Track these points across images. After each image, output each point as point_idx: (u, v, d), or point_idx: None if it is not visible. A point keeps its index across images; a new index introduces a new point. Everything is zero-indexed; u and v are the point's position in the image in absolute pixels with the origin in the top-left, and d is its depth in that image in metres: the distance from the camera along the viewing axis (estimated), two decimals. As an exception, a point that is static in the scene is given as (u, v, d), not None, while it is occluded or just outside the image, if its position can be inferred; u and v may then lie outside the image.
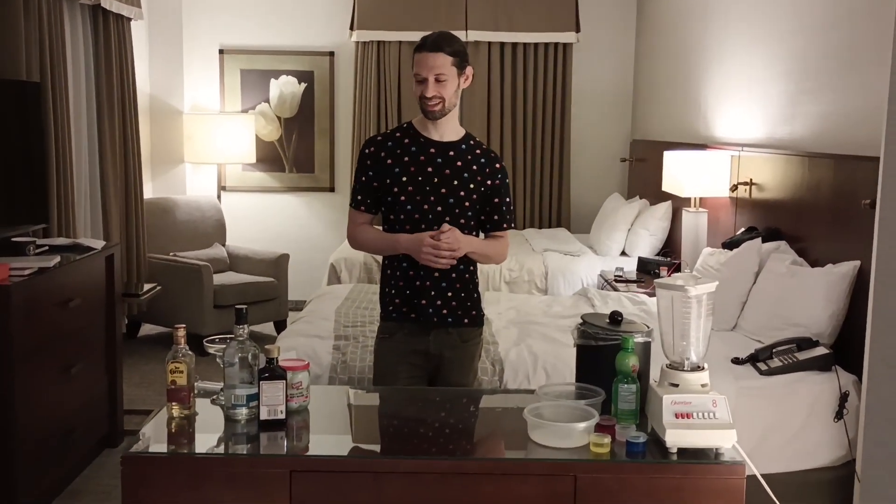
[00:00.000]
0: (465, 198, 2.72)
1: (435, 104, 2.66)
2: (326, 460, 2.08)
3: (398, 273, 2.75)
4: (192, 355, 2.24)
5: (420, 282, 2.71)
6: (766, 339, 3.52)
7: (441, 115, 2.69)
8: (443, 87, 2.65)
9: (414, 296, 2.73)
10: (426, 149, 2.73)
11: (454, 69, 2.67)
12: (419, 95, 2.68)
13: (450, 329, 2.76)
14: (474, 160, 2.76)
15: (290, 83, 7.14)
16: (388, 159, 2.72)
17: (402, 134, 2.77)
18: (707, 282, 2.17)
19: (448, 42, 2.66)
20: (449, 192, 2.71)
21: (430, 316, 2.73)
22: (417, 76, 2.67)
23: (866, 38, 3.58)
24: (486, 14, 6.93)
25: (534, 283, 5.55)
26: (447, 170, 2.72)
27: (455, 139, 2.77)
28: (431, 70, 2.63)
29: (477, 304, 2.86)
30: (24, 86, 4.02)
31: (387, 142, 2.76)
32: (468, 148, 2.78)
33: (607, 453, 2.04)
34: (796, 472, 3.19)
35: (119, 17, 5.48)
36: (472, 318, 2.82)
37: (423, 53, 2.65)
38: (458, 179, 2.72)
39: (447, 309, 2.74)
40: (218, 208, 6.61)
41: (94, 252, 3.84)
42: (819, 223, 3.83)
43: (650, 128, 6.80)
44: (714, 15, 5.38)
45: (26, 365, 3.20)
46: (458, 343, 2.79)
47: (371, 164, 2.74)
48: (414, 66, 2.68)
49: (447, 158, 2.73)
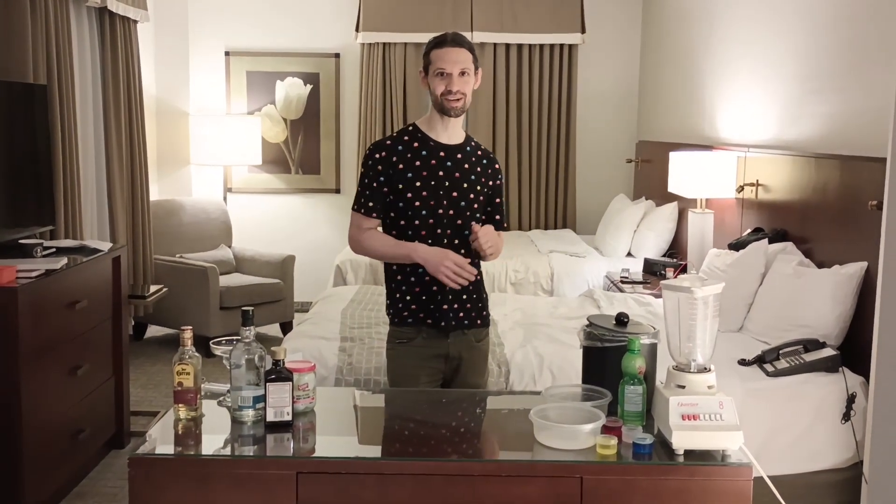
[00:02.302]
0: (474, 200, 2.73)
1: (458, 99, 2.65)
2: (333, 462, 2.08)
3: (412, 279, 2.72)
4: (198, 357, 2.24)
5: (437, 286, 2.69)
6: (772, 341, 3.52)
7: (461, 112, 2.69)
8: (465, 82, 2.66)
9: (431, 301, 2.71)
10: (436, 152, 2.71)
11: (473, 66, 2.68)
12: (441, 92, 2.65)
13: (465, 331, 2.77)
14: (478, 162, 2.77)
15: (295, 85, 7.15)
16: (400, 164, 2.69)
17: (409, 137, 2.74)
18: (713, 283, 2.17)
19: (466, 40, 2.69)
20: (460, 195, 2.71)
21: (449, 320, 2.73)
22: (441, 71, 2.64)
23: (873, 39, 3.57)
24: (491, 15, 6.93)
25: (539, 285, 5.54)
26: (457, 173, 2.71)
27: (460, 141, 2.77)
28: (456, 64, 2.63)
29: (486, 303, 2.88)
30: (31, 88, 4.03)
31: (396, 146, 2.72)
32: (472, 150, 2.78)
33: (614, 455, 2.04)
34: (803, 473, 3.19)
35: (125, 20, 5.49)
36: (483, 318, 2.84)
37: (445, 49, 2.64)
38: (467, 182, 2.72)
39: (463, 312, 2.76)
40: (224, 210, 6.62)
41: (101, 254, 3.86)
42: (826, 224, 3.82)
43: (656, 129, 6.79)
44: (720, 15, 5.37)
45: (33, 366, 3.21)
46: (474, 344, 2.81)
47: (382, 169, 2.70)
48: (434, 62, 2.66)
49: (456, 161, 2.72)
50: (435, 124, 2.73)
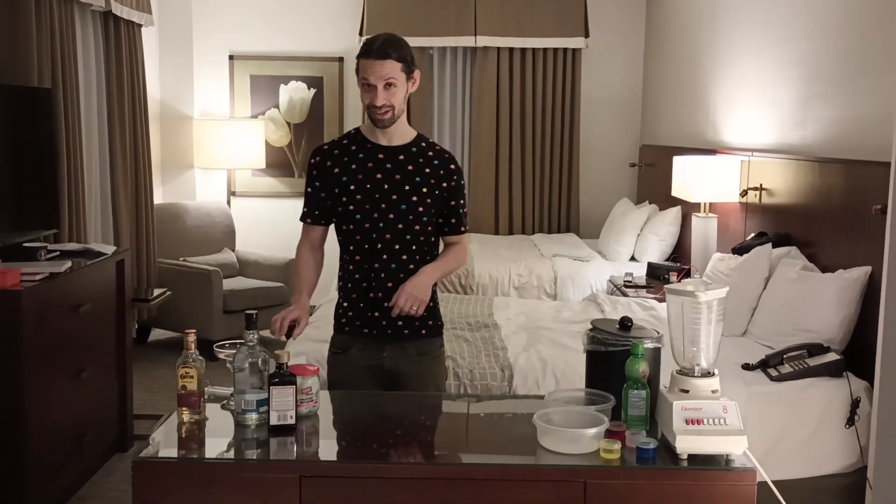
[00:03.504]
0: (418, 203, 2.60)
1: (384, 112, 2.54)
2: (336, 465, 2.09)
3: (350, 285, 2.65)
4: (202, 360, 2.25)
5: (374, 294, 2.61)
6: (776, 345, 3.51)
7: (391, 124, 2.58)
8: (392, 94, 2.53)
9: (368, 308, 2.62)
10: (374, 155, 2.61)
11: (403, 75, 2.55)
12: (367, 104, 2.55)
13: (406, 343, 2.65)
14: (427, 163, 2.64)
15: (299, 89, 7.16)
16: (336, 168, 2.61)
17: (349, 141, 2.66)
18: (717, 287, 2.16)
19: (395, 47, 2.53)
20: (400, 198, 2.59)
21: (384, 329, 2.62)
22: (365, 83, 2.53)
23: (877, 43, 3.57)
24: (495, 19, 6.94)
25: (543, 289, 5.54)
26: (397, 175, 2.60)
27: (405, 142, 2.65)
28: (380, 78, 2.50)
29: (434, 313, 2.72)
30: (35, 92, 4.04)
31: (333, 150, 2.65)
32: (420, 150, 2.65)
33: (617, 459, 2.03)
34: (807, 478, 3.18)
35: (130, 24, 5.51)
36: (429, 329, 2.69)
37: (369, 60, 2.51)
38: (409, 185, 2.60)
39: (402, 321, 2.61)
40: (227, 213, 6.63)
41: (105, 257, 3.86)
42: (830, 228, 3.81)
43: (659, 133, 6.79)
44: (723, 19, 5.37)
45: (37, 370, 3.21)
46: (415, 357, 2.66)
47: (318, 174, 2.64)
48: (360, 72, 2.54)
49: (397, 163, 2.61)
50: (373, 127, 2.63)
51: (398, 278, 2.59)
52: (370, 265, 2.61)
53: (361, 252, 2.62)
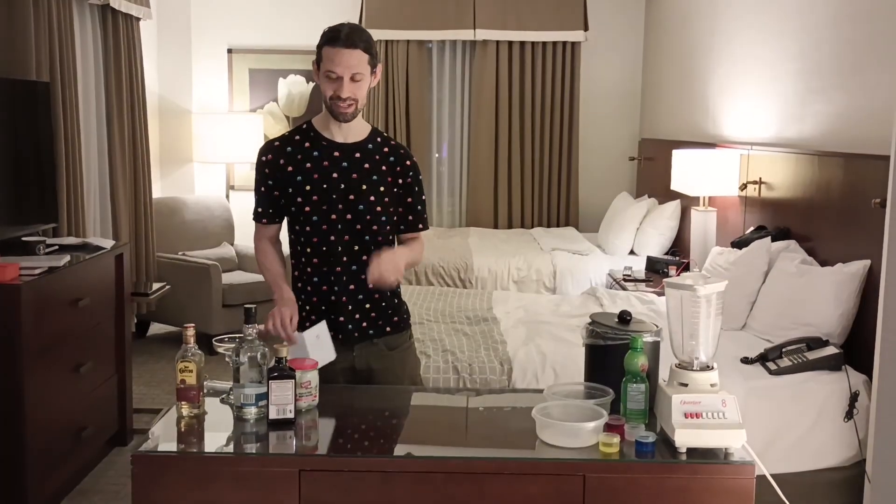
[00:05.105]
0: (375, 202, 2.49)
1: (349, 105, 2.44)
2: (335, 459, 2.09)
3: (309, 288, 2.55)
4: (201, 354, 2.25)
5: (335, 297, 2.52)
6: (775, 339, 3.51)
7: (352, 118, 2.48)
8: (358, 87, 2.43)
9: (331, 311, 2.53)
10: (330, 152, 2.51)
11: (368, 68, 2.44)
12: (330, 95, 2.44)
13: (374, 340, 2.58)
14: (383, 160, 2.54)
15: (298, 82, 7.15)
16: (289, 167, 2.50)
17: (301, 137, 2.54)
18: (716, 281, 2.16)
19: (362, 37, 2.41)
20: (357, 197, 2.48)
21: (350, 332, 2.54)
22: (330, 74, 2.41)
23: (877, 37, 3.56)
24: (494, 13, 6.93)
25: (542, 283, 5.54)
26: (354, 174, 2.49)
27: (361, 139, 2.55)
28: (348, 69, 2.39)
29: (399, 308, 2.65)
30: (34, 85, 4.03)
31: (285, 147, 2.53)
32: (375, 147, 2.55)
33: (616, 453, 2.03)
34: (806, 472, 3.18)
35: (128, 17, 5.49)
36: (394, 325, 2.62)
37: (337, 49, 2.37)
38: (366, 183, 2.49)
39: (367, 321, 2.56)
40: (226, 207, 6.62)
41: (104, 251, 3.86)
42: (829, 222, 3.81)
43: (659, 126, 6.79)
44: (723, 13, 5.36)
45: (36, 364, 3.21)
46: (385, 353, 2.60)
47: (270, 172, 2.52)
48: (324, 62, 2.42)
49: (353, 161, 2.51)
50: (329, 122, 2.53)
51: (360, 280, 2.51)
52: (330, 268, 2.52)
53: (319, 255, 2.53)
